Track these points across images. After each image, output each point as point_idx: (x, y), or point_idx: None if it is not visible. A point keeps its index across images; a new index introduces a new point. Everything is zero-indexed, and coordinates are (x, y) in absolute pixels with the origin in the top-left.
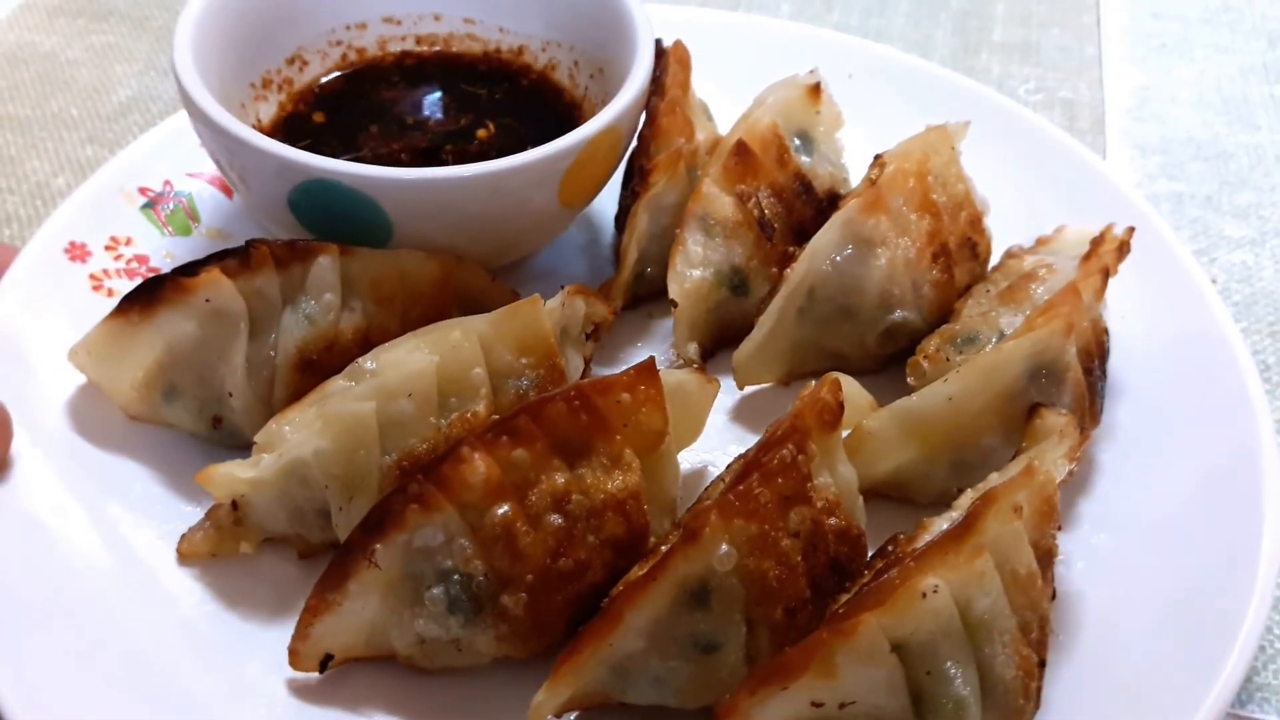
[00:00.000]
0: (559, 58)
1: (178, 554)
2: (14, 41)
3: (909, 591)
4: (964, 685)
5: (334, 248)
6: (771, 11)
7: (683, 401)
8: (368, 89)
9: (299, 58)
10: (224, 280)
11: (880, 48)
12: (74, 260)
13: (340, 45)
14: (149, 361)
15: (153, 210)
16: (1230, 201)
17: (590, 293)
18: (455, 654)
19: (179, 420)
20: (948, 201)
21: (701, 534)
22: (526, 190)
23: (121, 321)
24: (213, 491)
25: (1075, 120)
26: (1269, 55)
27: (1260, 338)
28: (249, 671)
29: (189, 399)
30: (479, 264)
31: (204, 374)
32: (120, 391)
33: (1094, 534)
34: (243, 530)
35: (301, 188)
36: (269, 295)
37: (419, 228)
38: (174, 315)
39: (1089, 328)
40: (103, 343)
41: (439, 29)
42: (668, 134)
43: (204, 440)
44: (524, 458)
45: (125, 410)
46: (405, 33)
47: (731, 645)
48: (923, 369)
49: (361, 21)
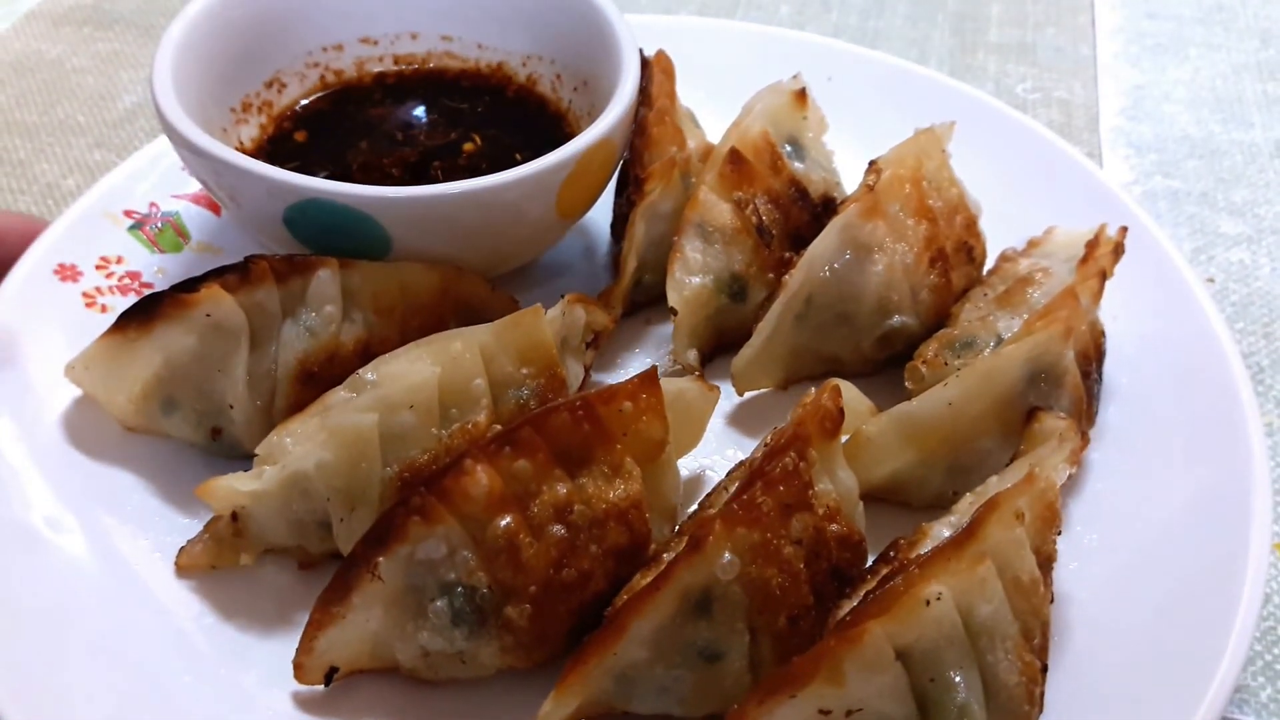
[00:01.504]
0: (540, 71)
1: (176, 566)
2: (20, 49)
3: (913, 599)
4: (967, 691)
5: (334, 261)
6: (771, 12)
7: (683, 409)
8: (350, 108)
9: (277, 80)
10: (224, 295)
11: (859, 49)
12: (65, 280)
13: (318, 67)
14: (147, 375)
15: (140, 230)
16: (1226, 198)
17: (590, 301)
18: (459, 666)
19: (177, 432)
20: (943, 206)
21: (705, 543)
22: (524, 203)
23: (119, 337)
24: (213, 505)
25: (1071, 119)
26: (1262, 54)
27: (1255, 339)
28: (252, 684)
29: (188, 411)
30: (479, 274)
31: (203, 387)
32: (117, 405)
33: (1085, 534)
34: (242, 542)
35: (297, 207)
36: (269, 308)
37: (418, 242)
38: (173, 330)
39: (1086, 331)
40: (100, 358)
41: (416, 48)
42: (659, 143)
43: (203, 451)
44: (526, 469)
45: (122, 422)
46: (382, 53)
47: (735, 653)
48: (921, 374)
49: (338, 43)
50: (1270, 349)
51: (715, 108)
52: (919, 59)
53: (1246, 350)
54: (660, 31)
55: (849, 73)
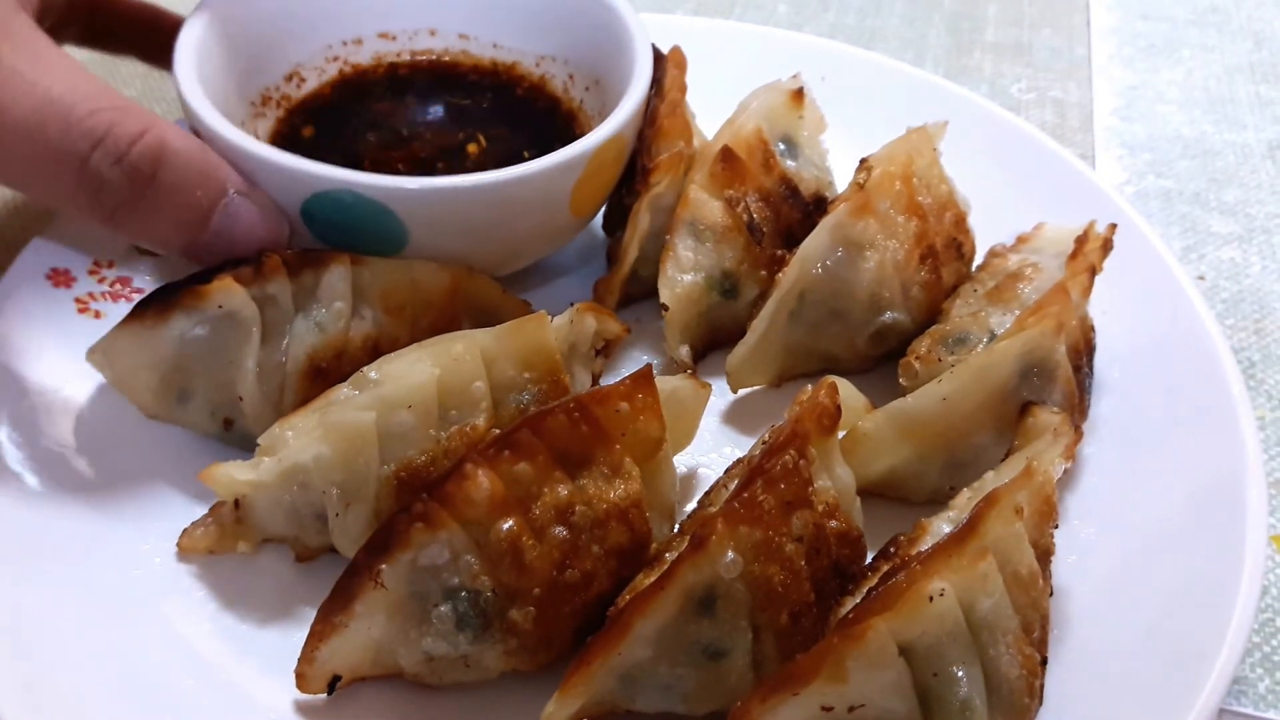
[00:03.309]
0: (553, 71)
1: (178, 548)
2: None
3: (916, 595)
4: (970, 686)
5: (346, 257)
6: (769, 12)
7: (677, 407)
8: (364, 103)
9: (296, 74)
10: (237, 287)
11: (853, 49)
12: (58, 286)
13: (337, 61)
14: (162, 364)
15: None
16: (1217, 198)
17: (602, 311)
18: (464, 670)
19: (192, 421)
20: (932, 203)
21: (708, 542)
22: (539, 197)
23: (136, 324)
24: (216, 490)
25: (1065, 119)
26: (1255, 55)
27: (1246, 334)
28: (253, 687)
29: (201, 401)
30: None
31: (216, 378)
32: (137, 392)
33: (1081, 528)
34: (243, 529)
35: (316, 198)
36: (281, 302)
37: (433, 236)
38: (187, 320)
39: (1077, 326)
40: (120, 344)
41: (434, 44)
42: (669, 135)
43: (217, 441)
44: (526, 471)
45: (143, 410)
46: (400, 48)
47: (738, 651)
48: (915, 370)
49: (357, 37)
50: (1261, 344)
51: (709, 107)
52: (915, 59)
53: (1237, 346)
54: (656, 31)
55: (843, 73)
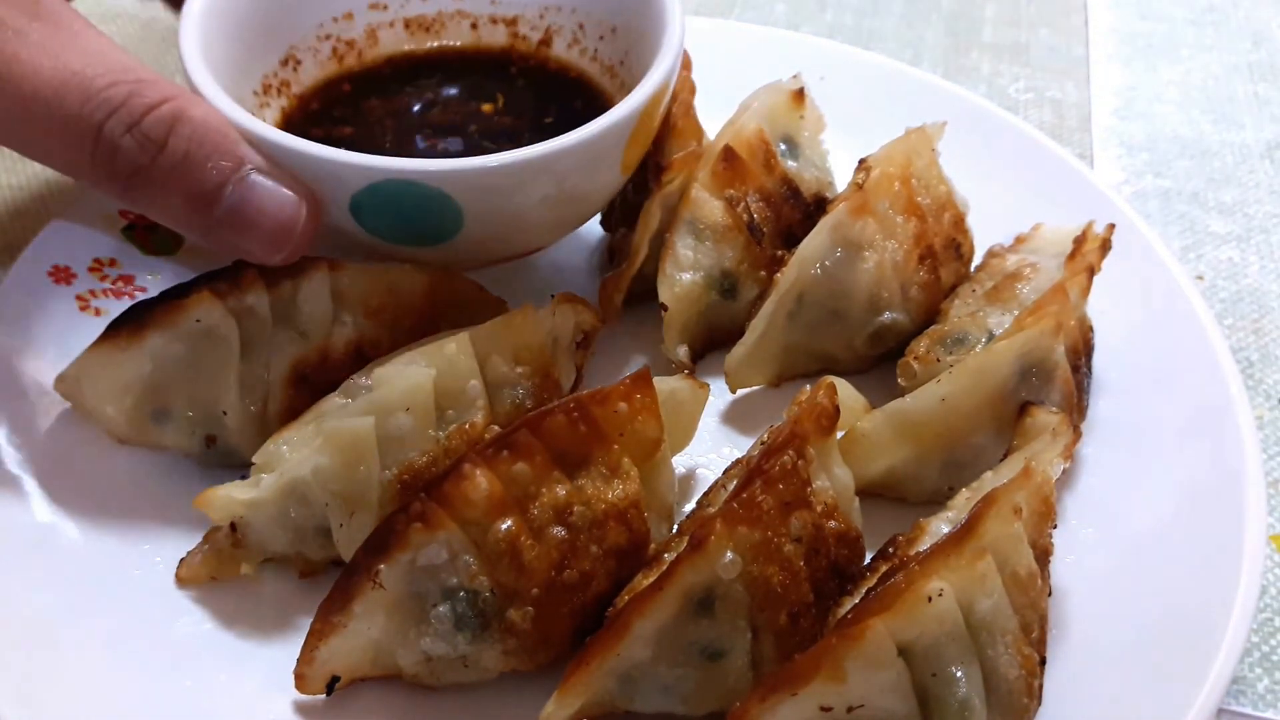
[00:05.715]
0: (560, 22)
1: (176, 579)
2: None
3: (915, 595)
4: (969, 686)
5: (323, 263)
6: (767, 11)
7: (675, 408)
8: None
9: (292, 58)
10: (214, 301)
11: (852, 50)
12: (59, 283)
13: (329, 39)
14: (137, 385)
15: (135, 232)
16: (1216, 198)
17: (579, 301)
18: (462, 670)
19: (170, 441)
20: (931, 203)
21: (707, 542)
22: (596, 162)
23: (109, 347)
24: (212, 515)
25: (1063, 119)
26: (1253, 55)
27: (1245, 334)
28: (253, 693)
29: (180, 419)
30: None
31: (195, 394)
32: (107, 417)
33: (1080, 529)
34: (242, 552)
35: (366, 191)
36: (260, 313)
37: (490, 215)
38: (163, 338)
39: (1076, 326)
40: (92, 368)
41: (426, 9)
42: (684, 135)
43: (197, 460)
44: (525, 471)
45: (113, 435)
46: (393, 17)
47: (737, 651)
48: (913, 370)
49: (347, 11)
50: (1260, 344)
51: (707, 106)
52: (913, 59)
53: (1236, 345)
54: None
55: (842, 73)
